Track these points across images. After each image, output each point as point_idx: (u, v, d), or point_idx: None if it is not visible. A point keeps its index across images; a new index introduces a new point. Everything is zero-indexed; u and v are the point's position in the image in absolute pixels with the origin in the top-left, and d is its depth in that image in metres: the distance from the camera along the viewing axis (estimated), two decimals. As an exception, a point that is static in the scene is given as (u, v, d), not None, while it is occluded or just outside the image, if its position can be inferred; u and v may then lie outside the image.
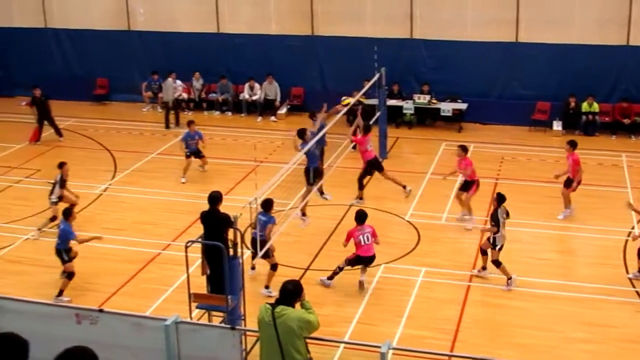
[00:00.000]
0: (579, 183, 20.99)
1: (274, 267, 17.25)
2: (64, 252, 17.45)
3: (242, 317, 14.29)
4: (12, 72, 34.14)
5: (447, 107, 28.61)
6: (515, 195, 21.43)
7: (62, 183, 20.60)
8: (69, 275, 17.39)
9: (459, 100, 29.00)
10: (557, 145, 26.80)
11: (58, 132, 28.19)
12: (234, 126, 29.74)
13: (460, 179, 21.68)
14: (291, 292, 10.19)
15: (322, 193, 22.17)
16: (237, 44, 31.74)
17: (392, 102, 28.18)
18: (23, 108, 29.81)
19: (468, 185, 20.89)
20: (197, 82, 31.57)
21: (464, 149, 21.06)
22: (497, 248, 17.42)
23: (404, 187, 22.47)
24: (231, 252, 14.04)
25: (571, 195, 21.08)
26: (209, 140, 25.51)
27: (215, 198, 14.83)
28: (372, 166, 22.21)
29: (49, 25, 33.84)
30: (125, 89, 33.07)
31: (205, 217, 14.79)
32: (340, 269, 17.33)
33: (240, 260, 14.18)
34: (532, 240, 20.15)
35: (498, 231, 17.37)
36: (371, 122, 25.41)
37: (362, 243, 17.10)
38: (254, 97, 30.85)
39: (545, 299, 17.11)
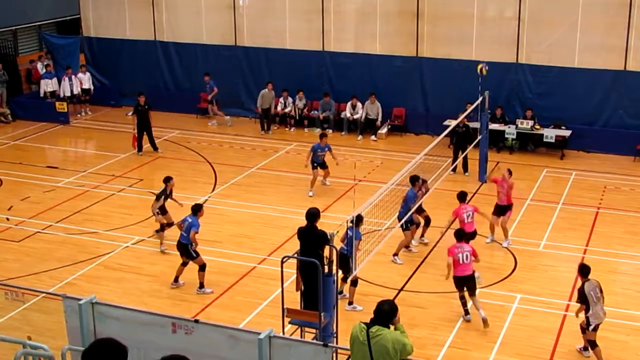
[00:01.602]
0: None
1: (354, 282, 17.30)
2: (190, 246, 18.14)
3: (334, 335, 14.30)
4: (121, 83, 35.00)
5: (550, 134, 28.20)
6: (618, 226, 21.00)
7: (161, 196, 20.75)
8: (201, 267, 18.23)
9: (562, 127, 28.55)
10: (663, 176, 26.27)
11: (154, 145, 28.71)
12: (334, 144, 29.71)
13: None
14: (387, 313, 10.11)
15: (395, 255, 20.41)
16: (342, 62, 31.90)
17: (494, 126, 27.92)
18: (129, 118, 30.52)
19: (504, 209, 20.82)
20: (300, 101, 31.80)
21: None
22: (591, 328, 15.45)
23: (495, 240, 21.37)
24: (326, 269, 14.08)
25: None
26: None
27: (313, 215, 14.87)
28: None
29: (158, 38, 34.57)
30: (229, 103, 33.52)
31: (302, 233, 14.85)
32: (462, 297, 17.06)
33: (335, 278, 14.20)
34: (634, 272, 19.71)
35: (589, 309, 15.45)
36: (472, 146, 25.29)
37: (460, 261, 16.87)
38: (356, 116, 30.92)
39: (645, 333, 16.72)
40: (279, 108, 31.83)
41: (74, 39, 36.11)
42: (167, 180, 20.93)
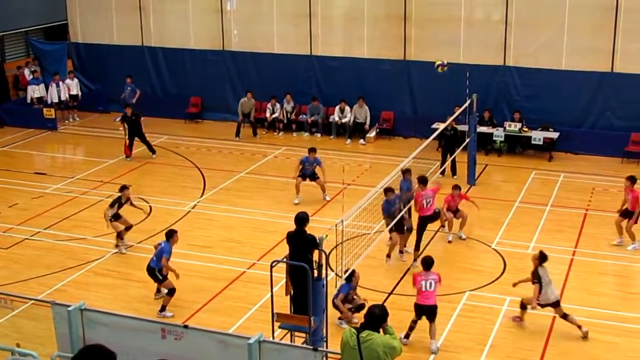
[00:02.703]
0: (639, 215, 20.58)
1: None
2: (158, 271, 17.69)
3: (325, 339, 14.29)
4: (109, 88, 34.90)
5: (538, 136, 28.26)
6: (606, 227, 21.04)
7: (115, 204, 20.69)
8: (170, 291, 17.65)
9: (550, 129, 28.62)
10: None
11: (151, 149, 28.66)
12: (323, 148, 29.80)
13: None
14: (378, 317, 10.14)
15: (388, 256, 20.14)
16: (330, 66, 31.93)
17: (482, 128, 27.97)
18: (117, 124, 30.49)
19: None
20: (288, 105, 31.81)
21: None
22: (538, 303, 16.45)
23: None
24: (316, 273, 14.08)
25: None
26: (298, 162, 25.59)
27: (302, 219, 14.84)
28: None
29: (146, 43, 34.53)
30: (217, 107, 33.54)
31: (291, 238, 14.84)
32: (414, 322, 16.48)
33: (325, 282, 14.20)
34: (623, 273, 19.79)
35: (541, 290, 16.36)
36: (460, 148, 25.34)
37: (424, 289, 16.12)
38: (344, 120, 30.94)
39: (635, 333, 16.73)
40: (267, 114, 31.82)
41: (61, 44, 36.05)
42: (122, 189, 20.91)
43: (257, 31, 32.87)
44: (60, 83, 33.36)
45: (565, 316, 16.54)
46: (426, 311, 16.14)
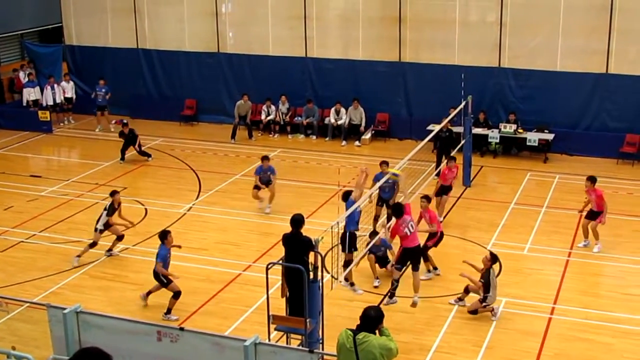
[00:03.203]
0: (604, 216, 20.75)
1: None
2: (162, 275, 17.65)
3: (320, 341, 14.29)
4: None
5: (533, 137, 28.30)
6: (602, 229, 21.05)
7: (111, 211, 20.56)
8: (175, 294, 17.58)
9: (545, 131, 28.65)
10: (646, 178, 26.44)
11: (145, 154, 28.73)
12: (318, 150, 29.86)
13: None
14: (374, 319, 10.14)
15: (352, 284, 18.88)
16: (325, 68, 31.94)
17: (477, 130, 27.99)
18: (111, 126, 30.45)
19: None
20: (283, 106, 31.81)
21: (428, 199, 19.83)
22: (483, 305, 17.22)
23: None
24: (311, 275, 14.08)
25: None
26: (294, 164, 25.61)
27: (298, 221, 14.85)
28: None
29: (141, 46, 34.52)
30: (212, 110, 33.54)
31: (287, 240, 14.84)
32: (396, 280, 17.18)
33: (320, 284, 14.20)
34: (619, 274, 19.80)
35: (488, 290, 17.09)
36: (455, 150, 25.35)
37: (408, 233, 16.87)
38: (340, 122, 30.94)
39: (630, 334, 16.75)
40: (262, 116, 31.83)
41: (56, 47, 36.02)
42: (113, 194, 20.85)
43: (252, 33, 32.88)
44: (55, 86, 33.31)
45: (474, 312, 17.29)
46: (414, 254, 17.07)
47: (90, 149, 30.45)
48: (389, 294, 17.39)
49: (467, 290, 17.62)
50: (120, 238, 20.68)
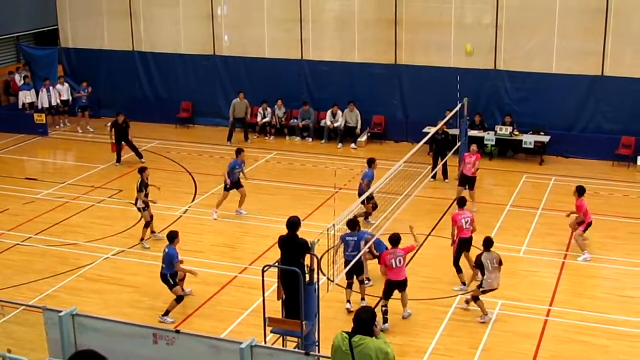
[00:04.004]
0: (588, 225, 20.60)
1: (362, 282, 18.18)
2: (171, 276, 17.64)
3: (317, 343, 14.29)
4: (100, 93, 34.79)
5: (529, 140, 28.32)
6: (597, 231, 21.09)
7: (143, 187, 21.29)
8: (178, 299, 17.58)
9: (541, 133, 28.67)
10: (642, 181, 26.49)
11: (138, 154, 28.68)
12: (315, 152, 29.86)
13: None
14: (367, 321, 10.11)
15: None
16: (321, 71, 31.94)
17: (473, 132, 27.99)
18: (107, 129, 30.42)
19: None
20: (280, 110, 31.79)
21: None
22: (482, 290, 17.24)
23: None
24: (308, 277, 14.08)
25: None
26: (290, 166, 25.59)
27: (294, 223, 14.85)
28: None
29: (137, 48, 34.52)
30: (208, 112, 33.53)
31: (283, 242, 14.84)
32: (384, 307, 17.15)
33: (317, 287, 14.20)
34: (615, 276, 19.82)
35: (484, 275, 17.12)
36: (452, 153, 25.38)
37: (394, 266, 17.00)
38: (336, 124, 30.93)
39: (626, 337, 16.78)
40: (258, 119, 31.82)
41: (52, 50, 35.99)
42: (143, 170, 21.53)
43: (248, 36, 32.87)
44: (51, 88, 33.30)
45: (476, 299, 17.40)
46: (399, 286, 17.22)
47: (86, 151, 30.44)
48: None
49: (475, 299, 17.46)
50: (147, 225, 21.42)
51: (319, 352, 13.86)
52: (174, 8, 33.65)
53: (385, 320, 17.02)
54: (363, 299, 18.04)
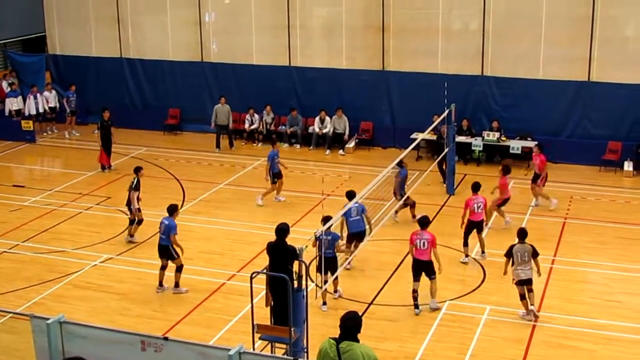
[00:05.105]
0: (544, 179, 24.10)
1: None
2: (171, 247, 18.61)
3: (305, 350, 14.29)
4: (87, 100, 34.75)
5: (516, 145, 28.40)
6: (585, 236, 21.16)
7: (138, 186, 21.81)
8: (178, 268, 18.74)
9: (529, 138, 28.76)
10: (628, 186, 26.54)
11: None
12: (302, 159, 29.86)
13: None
14: (353, 327, 10.13)
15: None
16: (308, 77, 31.96)
17: (461, 138, 28.07)
18: (95, 135, 30.40)
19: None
20: (268, 116, 31.78)
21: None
22: (514, 282, 17.60)
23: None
24: (296, 284, 14.08)
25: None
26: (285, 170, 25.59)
27: (282, 230, 14.84)
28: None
29: (124, 55, 34.50)
30: (196, 119, 33.48)
31: (271, 249, 14.84)
32: (414, 292, 17.78)
33: (305, 293, 14.20)
34: (601, 281, 19.87)
35: (513, 264, 17.60)
36: (439, 158, 25.44)
37: (418, 247, 17.78)
38: (324, 130, 30.94)
39: (614, 341, 16.82)
40: (245, 125, 31.82)
41: (39, 57, 35.94)
42: (138, 170, 22.09)
43: (236, 42, 32.89)
44: (38, 95, 33.21)
45: (522, 297, 17.53)
46: (423, 266, 17.77)
47: (73, 158, 30.38)
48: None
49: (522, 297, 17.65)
50: (139, 222, 21.96)
51: (307, 358, 13.86)
52: (162, 14, 33.66)
53: (416, 306, 17.75)
54: (336, 290, 18.60)
